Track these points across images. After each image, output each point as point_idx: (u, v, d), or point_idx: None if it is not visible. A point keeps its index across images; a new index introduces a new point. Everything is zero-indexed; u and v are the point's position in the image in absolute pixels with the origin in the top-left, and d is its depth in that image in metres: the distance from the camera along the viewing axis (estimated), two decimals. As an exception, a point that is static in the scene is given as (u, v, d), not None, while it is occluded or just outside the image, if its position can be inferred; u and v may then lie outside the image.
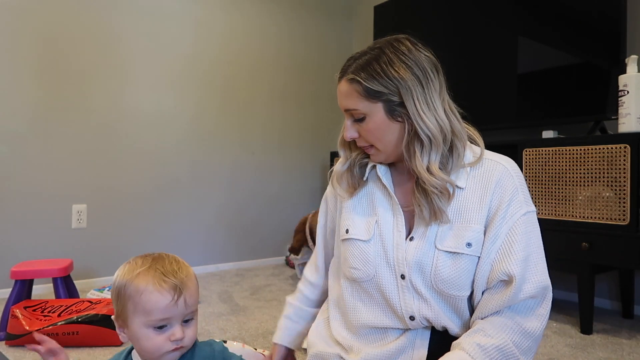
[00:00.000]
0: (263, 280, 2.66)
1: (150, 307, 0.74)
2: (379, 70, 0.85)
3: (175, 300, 0.75)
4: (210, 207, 2.91)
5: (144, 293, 0.74)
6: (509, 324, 0.80)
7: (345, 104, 0.89)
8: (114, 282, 0.80)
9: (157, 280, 0.75)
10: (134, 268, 0.78)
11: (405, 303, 0.86)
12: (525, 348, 0.80)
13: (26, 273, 1.78)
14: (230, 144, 2.98)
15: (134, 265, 0.80)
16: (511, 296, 0.80)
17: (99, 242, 2.51)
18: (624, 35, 1.91)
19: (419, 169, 0.84)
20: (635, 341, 1.73)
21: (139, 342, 0.76)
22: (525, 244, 0.83)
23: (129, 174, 2.61)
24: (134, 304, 0.75)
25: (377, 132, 0.88)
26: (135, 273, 0.77)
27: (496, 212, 0.84)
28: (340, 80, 0.91)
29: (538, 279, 0.82)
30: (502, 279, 0.82)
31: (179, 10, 2.77)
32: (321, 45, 3.39)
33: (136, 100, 2.64)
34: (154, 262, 0.79)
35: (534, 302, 0.82)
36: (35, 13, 2.34)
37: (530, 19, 2.25)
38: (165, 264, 0.79)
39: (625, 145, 1.66)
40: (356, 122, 0.89)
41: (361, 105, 0.87)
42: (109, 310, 1.61)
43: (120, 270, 0.80)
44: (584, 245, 1.75)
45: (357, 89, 0.86)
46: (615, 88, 1.82)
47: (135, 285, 0.75)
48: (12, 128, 2.29)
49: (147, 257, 0.81)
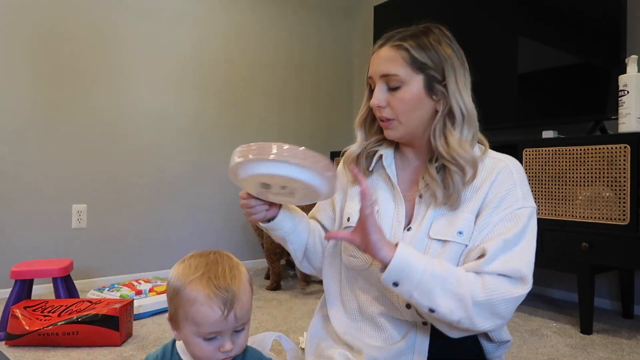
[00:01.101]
0: (263, 281, 2.66)
1: (200, 319, 0.73)
2: (427, 43, 0.87)
3: (226, 315, 0.73)
4: (210, 207, 2.90)
5: (195, 304, 0.73)
6: (473, 275, 0.80)
7: (385, 68, 0.88)
8: (169, 281, 0.78)
9: (208, 292, 0.73)
10: (188, 273, 0.76)
11: None
12: (478, 300, 0.77)
13: (26, 273, 1.77)
14: (230, 144, 2.97)
15: (187, 268, 0.77)
16: (478, 264, 0.79)
17: (99, 242, 2.51)
18: (624, 35, 1.91)
19: (452, 142, 0.86)
20: (635, 341, 1.73)
21: (190, 347, 0.76)
22: (513, 234, 0.82)
23: (129, 174, 2.61)
24: (184, 312, 0.74)
25: (410, 104, 0.88)
26: (188, 279, 0.75)
27: (489, 203, 0.85)
28: (383, 47, 0.90)
29: (514, 264, 0.79)
30: (477, 256, 0.82)
31: (178, 10, 2.77)
32: (321, 45, 3.39)
33: (136, 100, 2.64)
34: (208, 268, 0.76)
35: (505, 279, 0.79)
36: (35, 12, 2.33)
37: (530, 19, 2.25)
38: (219, 273, 0.76)
39: (625, 145, 1.65)
40: (389, 91, 0.89)
41: (403, 72, 0.87)
42: (109, 310, 1.61)
43: (175, 270, 0.79)
44: (584, 245, 1.75)
45: (403, 55, 0.87)
46: (615, 88, 1.82)
47: (187, 293, 0.74)
48: (12, 128, 2.29)
49: (202, 258, 0.79)
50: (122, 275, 2.56)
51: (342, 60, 3.50)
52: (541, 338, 1.75)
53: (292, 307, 2.10)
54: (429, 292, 0.77)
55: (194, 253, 0.81)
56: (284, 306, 2.12)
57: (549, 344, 1.68)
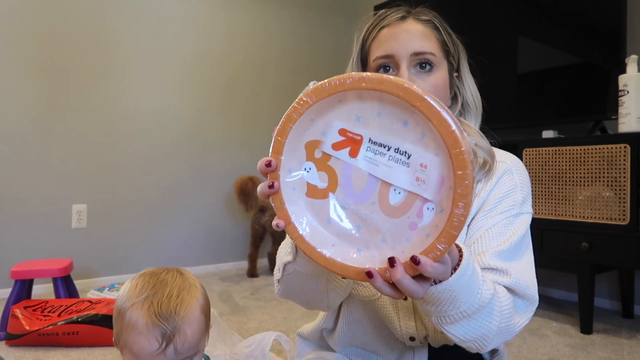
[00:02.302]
0: (263, 280, 2.66)
1: (136, 350, 0.67)
2: (448, 29, 0.78)
3: (163, 349, 0.66)
4: (210, 207, 2.90)
5: (132, 332, 0.67)
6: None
7: (419, 45, 0.73)
8: (118, 295, 0.73)
9: (147, 320, 0.66)
10: (132, 294, 0.69)
11: (406, 325, 0.81)
12: (510, 310, 0.66)
13: (26, 273, 1.77)
14: (231, 144, 2.98)
15: (133, 288, 0.70)
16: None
17: (99, 242, 2.51)
18: (624, 35, 1.91)
19: (472, 134, 0.78)
20: (635, 341, 1.73)
21: None
22: (509, 245, 0.71)
23: (129, 174, 2.61)
24: (124, 337, 0.68)
25: (440, 92, 0.75)
26: (130, 302, 0.68)
27: (484, 206, 0.76)
28: (406, 20, 0.76)
29: (525, 282, 0.70)
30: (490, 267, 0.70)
31: (180, 10, 2.77)
32: (322, 44, 3.39)
33: (137, 101, 2.64)
34: (154, 291, 0.69)
35: (518, 300, 0.69)
36: (36, 13, 2.33)
37: (530, 19, 2.25)
38: (164, 298, 0.68)
39: (625, 145, 1.65)
40: (418, 74, 0.74)
41: (438, 53, 0.75)
42: (109, 310, 1.61)
43: (124, 288, 0.72)
44: (584, 245, 1.75)
45: (436, 34, 0.76)
46: (615, 88, 1.82)
47: (127, 317, 0.68)
48: (12, 128, 2.29)
49: (152, 278, 0.72)
50: (122, 275, 2.56)
51: (342, 60, 3.50)
52: (541, 338, 1.75)
53: (292, 307, 2.10)
54: (463, 323, 0.61)
55: (148, 270, 0.74)
56: (283, 306, 2.12)
57: (549, 344, 1.68)
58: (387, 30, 0.76)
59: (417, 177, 0.48)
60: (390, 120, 0.49)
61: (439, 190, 0.47)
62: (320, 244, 0.52)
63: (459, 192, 0.45)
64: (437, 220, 0.47)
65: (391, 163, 0.50)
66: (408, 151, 0.49)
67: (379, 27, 0.77)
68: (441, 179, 0.47)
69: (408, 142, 0.49)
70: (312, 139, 0.53)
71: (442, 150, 0.47)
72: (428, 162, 0.48)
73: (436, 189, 0.48)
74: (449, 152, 0.46)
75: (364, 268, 0.49)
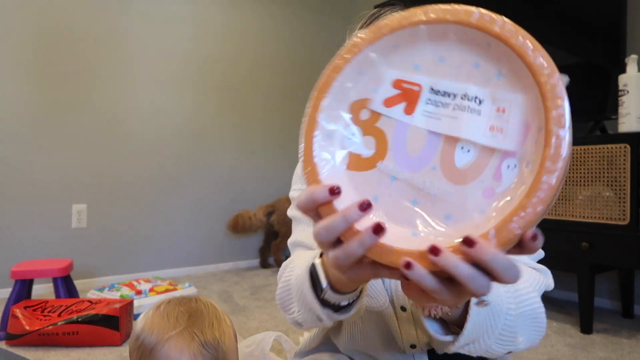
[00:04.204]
0: (263, 280, 2.66)
1: None
2: None
3: None
4: (210, 207, 2.90)
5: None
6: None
7: None
8: (137, 334, 0.65)
9: (194, 351, 0.61)
10: (166, 325, 0.63)
11: (407, 334, 0.80)
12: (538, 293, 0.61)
13: (26, 273, 1.77)
14: (230, 144, 2.98)
15: (165, 319, 0.64)
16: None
17: (99, 242, 2.51)
18: (624, 35, 1.91)
19: None
20: (635, 341, 1.73)
21: None
22: None
23: (129, 173, 2.61)
24: None
25: None
26: (167, 335, 0.62)
27: None
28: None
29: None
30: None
31: (176, 9, 2.77)
32: (321, 44, 3.39)
33: (136, 100, 2.64)
34: (191, 319, 0.64)
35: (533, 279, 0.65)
36: (36, 12, 2.33)
37: (530, 19, 2.25)
38: (205, 327, 0.64)
39: (625, 145, 1.66)
40: None
41: None
42: (109, 310, 1.61)
43: (146, 321, 0.65)
44: (584, 245, 1.75)
45: None
46: (615, 88, 1.82)
47: (166, 352, 0.61)
48: (12, 128, 2.29)
49: (182, 309, 0.66)
50: (122, 275, 2.56)
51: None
52: (541, 338, 1.75)
53: (292, 307, 2.10)
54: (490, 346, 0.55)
55: (171, 300, 0.68)
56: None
57: (549, 344, 1.68)
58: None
59: (492, 126, 0.37)
60: (457, 63, 0.39)
61: (524, 139, 0.36)
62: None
63: (553, 134, 0.34)
64: (522, 178, 0.36)
65: (457, 113, 0.38)
66: (479, 96, 0.38)
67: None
68: (525, 124, 0.36)
69: (480, 85, 0.38)
70: (358, 98, 0.42)
71: (528, 85, 0.36)
72: (506, 103, 0.37)
73: (519, 138, 0.36)
74: (538, 82, 0.36)
75: (420, 251, 0.36)
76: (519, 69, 0.36)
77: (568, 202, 1.82)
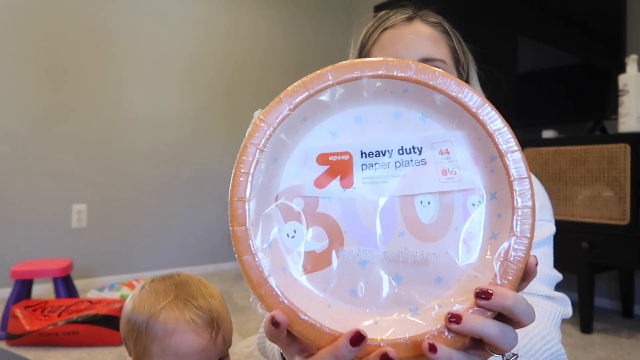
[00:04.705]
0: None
1: (185, 350, 0.60)
2: (457, 34, 0.69)
3: (214, 339, 0.62)
4: (210, 207, 2.90)
5: (175, 333, 0.60)
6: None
7: (428, 50, 0.64)
8: (127, 317, 0.64)
9: (190, 315, 0.61)
10: (155, 299, 0.62)
11: None
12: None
13: (26, 273, 1.77)
14: (229, 144, 2.98)
15: (152, 294, 0.63)
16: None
17: (99, 242, 2.51)
18: (624, 35, 1.91)
19: None
20: (635, 341, 1.73)
21: None
22: None
23: (129, 173, 2.61)
24: (161, 347, 0.60)
25: None
26: (158, 307, 0.61)
27: None
28: (413, 21, 0.67)
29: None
30: None
31: (181, 11, 2.77)
32: (322, 45, 3.39)
33: (137, 101, 2.64)
34: (179, 289, 0.64)
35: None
36: (36, 14, 2.33)
37: (530, 19, 2.25)
38: (194, 291, 0.64)
39: (625, 145, 1.65)
40: None
41: (448, 61, 0.65)
42: (109, 310, 1.61)
43: (135, 301, 0.64)
44: (584, 245, 1.75)
45: (446, 40, 0.67)
46: (615, 88, 1.82)
47: (161, 323, 0.60)
48: (12, 128, 2.29)
49: (167, 281, 0.66)
50: (122, 275, 2.56)
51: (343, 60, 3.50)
52: (541, 338, 1.75)
53: (292, 307, 2.10)
54: None
55: (154, 278, 0.67)
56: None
57: (549, 344, 1.68)
58: (391, 32, 0.66)
59: (444, 170, 0.35)
60: (375, 118, 0.36)
61: (480, 173, 0.35)
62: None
63: (508, 158, 0.34)
64: (495, 210, 0.34)
65: (402, 170, 0.35)
66: (415, 144, 0.35)
67: (381, 29, 0.67)
68: (474, 158, 0.35)
69: (410, 133, 0.36)
70: (284, 188, 0.37)
71: (460, 118, 0.35)
72: (447, 144, 0.35)
73: (474, 174, 0.35)
74: (471, 112, 0.34)
75: (437, 329, 0.32)
76: (444, 106, 0.35)
77: (568, 202, 1.82)
